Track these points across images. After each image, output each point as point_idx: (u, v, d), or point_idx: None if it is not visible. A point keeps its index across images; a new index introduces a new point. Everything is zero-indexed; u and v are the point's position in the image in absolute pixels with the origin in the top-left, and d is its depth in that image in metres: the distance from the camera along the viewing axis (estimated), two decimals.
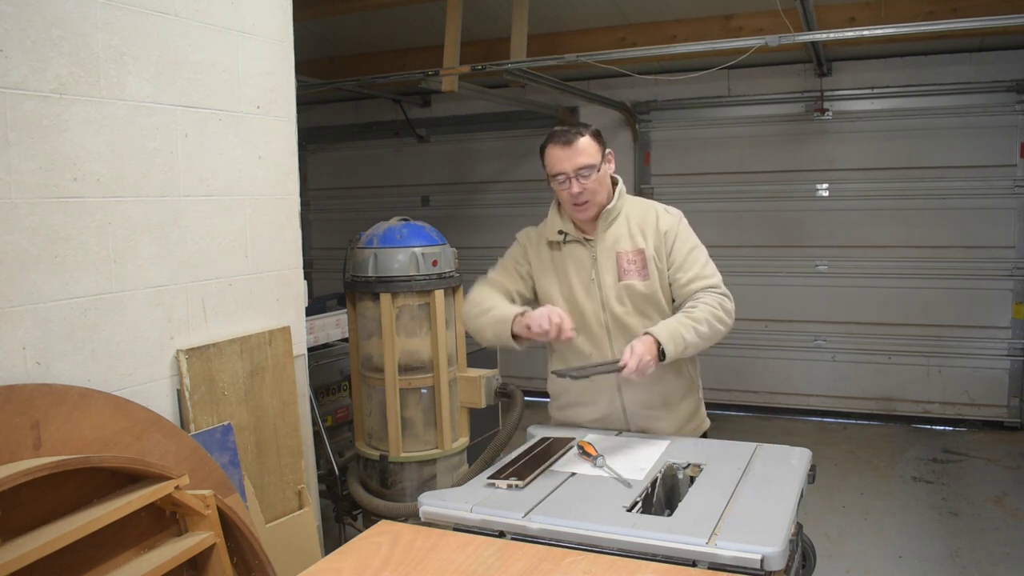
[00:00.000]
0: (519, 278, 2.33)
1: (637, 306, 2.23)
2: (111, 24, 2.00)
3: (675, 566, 1.48)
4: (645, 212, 2.28)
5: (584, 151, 2.15)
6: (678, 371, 2.29)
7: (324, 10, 4.73)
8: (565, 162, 2.14)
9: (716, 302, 2.15)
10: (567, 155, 2.14)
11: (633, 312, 2.22)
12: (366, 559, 1.53)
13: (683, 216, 2.29)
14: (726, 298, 2.19)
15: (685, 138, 6.19)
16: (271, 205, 2.51)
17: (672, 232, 2.23)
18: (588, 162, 2.14)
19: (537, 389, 3.24)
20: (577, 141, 2.15)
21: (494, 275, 2.35)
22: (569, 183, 2.14)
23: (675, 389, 2.29)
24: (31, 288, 1.83)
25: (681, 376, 2.31)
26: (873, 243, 5.71)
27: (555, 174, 2.17)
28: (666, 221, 2.25)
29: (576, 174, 2.14)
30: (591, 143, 2.17)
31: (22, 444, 1.67)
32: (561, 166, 2.15)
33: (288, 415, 2.49)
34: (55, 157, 1.88)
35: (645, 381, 2.20)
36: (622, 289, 2.22)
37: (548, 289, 2.30)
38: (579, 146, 2.14)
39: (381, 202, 7.09)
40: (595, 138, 2.19)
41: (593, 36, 5.25)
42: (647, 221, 2.25)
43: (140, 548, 1.76)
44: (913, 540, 3.77)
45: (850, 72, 5.66)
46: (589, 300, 2.25)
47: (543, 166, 2.23)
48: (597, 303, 2.24)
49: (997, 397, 5.55)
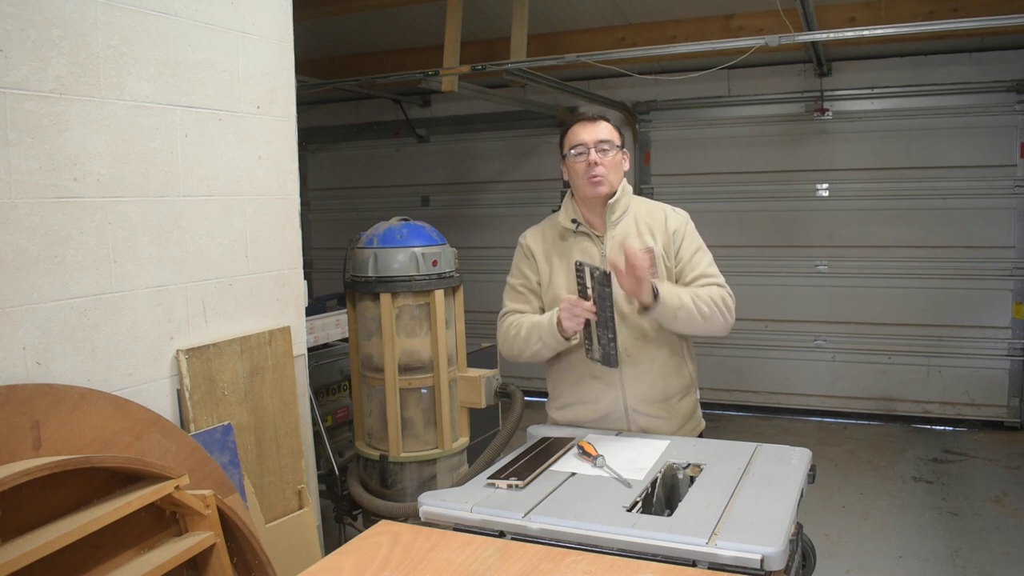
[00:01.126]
0: (532, 295, 2.36)
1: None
2: (111, 24, 2.00)
3: (675, 566, 1.48)
4: (653, 212, 2.33)
5: (606, 129, 2.27)
6: (679, 369, 2.30)
7: (324, 10, 4.72)
8: (586, 134, 2.24)
9: (720, 293, 2.21)
10: (589, 129, 2.25)
11: (639, 310, 2.23)
12: (366, 559, 1.53)
13: (690, 217, 2.35)
14: (729, 296, 2.23)
15: (685, 138, 6.19)
16: (271, 205, 2.51)
17: (680, 232, 2.28)
18: (608, 137, 2.25)
19: (537, 389, 3.24)
20: (600, 121, 2.29)
21: (510, 304, 2.38)
22: (588, 153, 2.22)
23: (676, 386, 2.30)
24: (31, 288, 1.83)
25: (681, 374, 2.31)
26: (873, 243, 5.71)
27: (575, 145, 2.25)
28: (675, 220, 2.30)
29: (595, 145, 2.22)
30: (612, 128, 2.30)
31: (22, 444, 1.67)
32: (582, 137, 2.24)
33: (288, 415, 2.49)
34: (55, 157, 1.88)
35: (647, 376, 2.23)
36: None
37: (555, 282, 2.31)
38: (601, 124, 2.27)
39: (381, 202, 7.09)
40: (616, 128, 2.32)
41: (593, 36, 5.25)
42: (655, 220, 2.30)
43: (140, 548, 1.76)
44: (913, 540, 3.77)
45: (850, 72, 5.66)
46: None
47: (561, 151, 2.31)
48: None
49: (997, 397, 5.55)
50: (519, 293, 2.38)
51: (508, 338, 2.32)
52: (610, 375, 2.24)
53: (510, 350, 2.33)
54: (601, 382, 2.26)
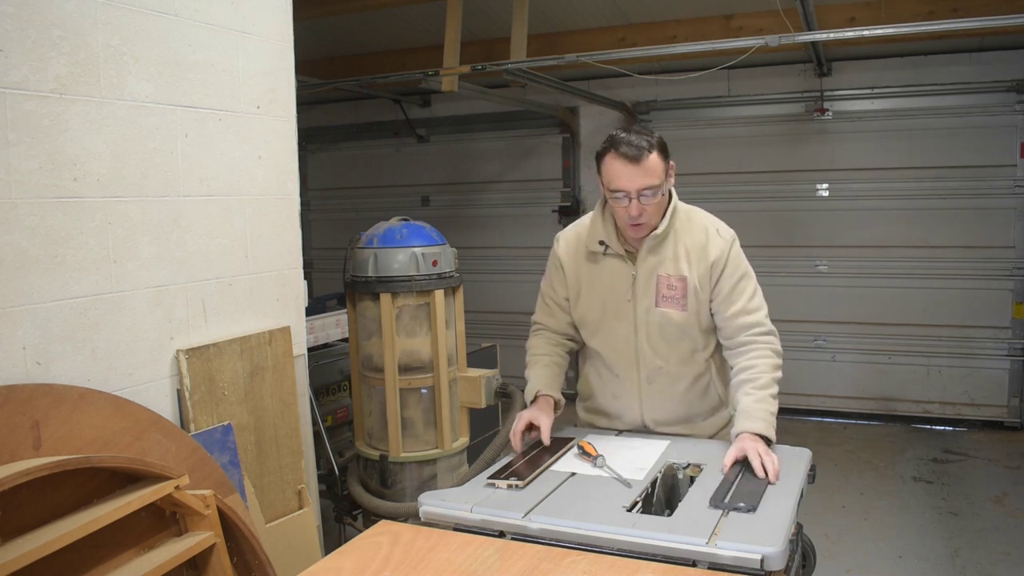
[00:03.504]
0: (560, 311, 2.28)
1: (668, 335, 2.14)
2: (111, 24, 2.00)
3: (675, 566, 1.48)
4: (695, 233, 2.12)
5: (651, 171, 1.97)
6: (704, 392, 2.24)
7: (324, 10, 4.72)
8: (627, 181, 1.97)
9: (770, 352, 2.09)
10: (631, 173, 1.96)
11: (662, 340, 2.15)
12: (366, 559, 1.53)
13: (736, 238, 2.15)
14: (774, 337, 2.11)
15: (685, 138, 6.18)
16: (271, 205, 2.51)
17: (721, 262, 2.09)
18: (653, 183, 1.97)
19: None
20: (645, 159, 1.96)
21: (539, 317, 2.33)
22: (628, 203, 1.99)
23: (699, 409, 2.25)
24: (31, 288, 1.83)
25: (707, 398, 2.25)
26: (873, 243, 5.71)
27: (614, 190, 2.00)
28: (716, 247, 2.10)
29: (639, 194, 1.97)
30: (658, 160, 1.99)
31: (22, 444, 1.67)
32: (622, 183, 1.98)
33: (288, 415, 2.49)
34: (55, 157, 1.88)
35: (667, 403, 2.21)
36: (657, 316, 2.12)
37: (582, 303, 2.22)
38: (647, 165, 1.96)
39: (381, 202, 7.09)
40: (661, 153, 2.01)
41: (593, 36, 5.25)
42: (696, 245, 2.10)
43: (140, 548, 1.76)
44: (913, 540, 3.77)
45: (850, 72, 5.66)
46: (621, 322, 2.16)
47: (598, 173, 2.06)
48: (630, 326, 2.16)
49: (997, 397, 5.55)
50: (547, 306, 2.30)
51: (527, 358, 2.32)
52: (629, 397, 2.22)
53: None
54: (621, 402, 2.25)
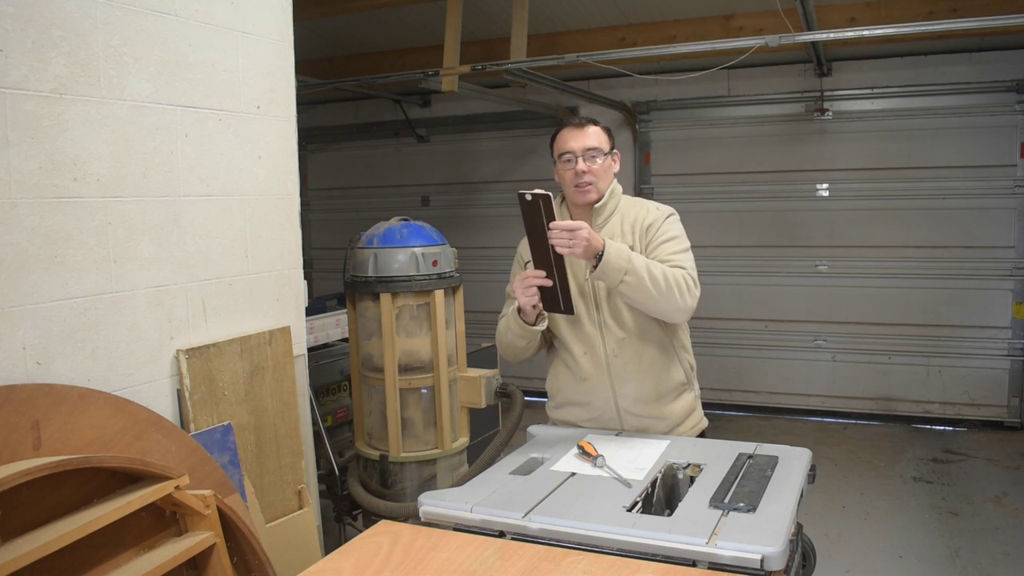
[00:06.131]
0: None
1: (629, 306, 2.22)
2: (111, 24, 2.00)
3: (675, 566, 1.48)
4: (638, 210, 2.31)
5: (594, 136, 2.25)
6: (668, 367, 2.28)
7: (324, 10, 4.73)
8: (574, 141, 2.24)
9: (681, 274, 2.11)
10: (577, 136, 2.24)
11: (624, 310, 2.23)
12: (366, 559, 1.53)
13: (675, 214, 2.30)
14: (692, 282, 2.13)
15: (685, 138, 6.19)
16: (271, 205, 2.51)
17: (656, 225, 2.25)
18: (596, 144, 2.24)
19: (537, 389, 3.23)
20: (588, 127, 2.27)
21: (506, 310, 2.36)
22: (575, 161, 2.22)
23: (668, 384, 2.28)
24: (31, 288, 1.83)
25: (673, 372, 2.29)
26: (873, 243, 5.71)
27: (563, 152, 2.25)
28: (653, 215, 2.27)
29: (584, 153, 2.22)
30: (601, 133, 2.28)
31: (22, 444, 1.67)
32: (570, 145, 2.24)
33: (288, 415, 2.49)
34: (55, 157, 1.87)
35: (635, 374, 2.23)
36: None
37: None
38: (589, 131, 2.26)
39: (381, 202, 7.09)
40: (605, 131, 2.30)
41: (593, 36, 5.25)
42: (638, 219, 2.28)
43: (140, 548, 1.76)
44: (913, 540, 3.77)
45: (850, 72, 5.66)
46: (583, 300, 2.26)
47: (552, 155, 2.31)
48: (591, 303, 2.26)
49: (997, 397, 5.55)
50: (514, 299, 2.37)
51: (499, 339, 2.35)
52: (599, 376, 2.24)
53: (503, 351, 2.36)
54: (590, 383, 2.27)
